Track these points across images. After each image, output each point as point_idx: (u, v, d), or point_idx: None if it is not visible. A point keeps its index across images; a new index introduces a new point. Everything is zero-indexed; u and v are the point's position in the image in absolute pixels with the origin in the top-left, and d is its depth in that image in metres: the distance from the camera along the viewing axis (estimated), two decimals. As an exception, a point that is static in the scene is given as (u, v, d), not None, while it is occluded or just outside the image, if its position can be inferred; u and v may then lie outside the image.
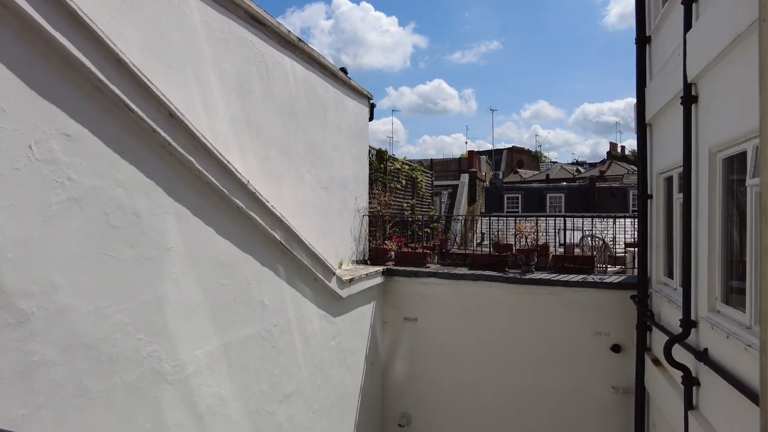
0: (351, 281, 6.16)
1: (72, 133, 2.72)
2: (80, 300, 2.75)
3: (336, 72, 6.78)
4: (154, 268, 3.27)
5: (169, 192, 3.39)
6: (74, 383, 2.72)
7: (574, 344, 6.78)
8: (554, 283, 6.81)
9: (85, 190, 2.80)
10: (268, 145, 5.06)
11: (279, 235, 4.63)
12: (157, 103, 3.20)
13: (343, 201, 7.05)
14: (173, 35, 3.83)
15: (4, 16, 2.39)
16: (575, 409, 6.79)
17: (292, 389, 4.96)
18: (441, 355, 7.35)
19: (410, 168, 11.10)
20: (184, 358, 3.53)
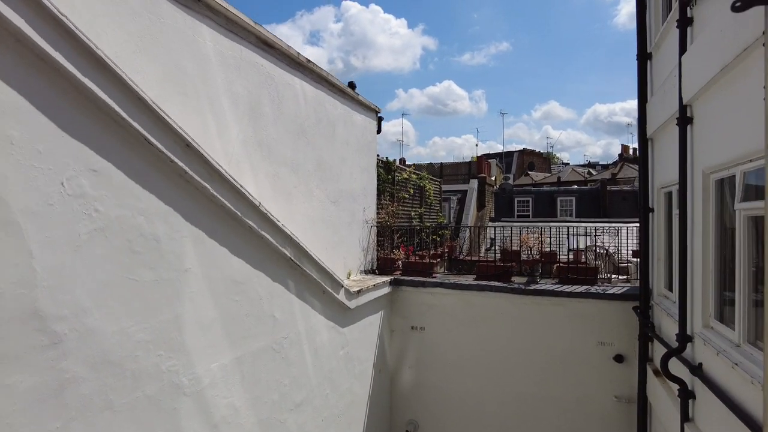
0: (359, 292, 6.37)
1: (98, 168, 2.96)
2: (106, 321, 2.99)
3: (344, 89, 7.00)
4: (173, 289, 3.51)
5: (186, 217, 3.63)
6: (101, 398, 2.96)
7: (577, 354, 6.92)
8: (558, 294, 6.95)
9: (110, 220, 3.04)
10: (279, 163, 5.30)
11: (289, 251, 4.86)
12: (175, 135, 3.44)
13: (352, 213, 7.26)
14: (188, 65, 4.07)
15: (41, 67, 2.64)
16: (579, 418, 6.92)
17: (301, 398, 5.18)
18: (447, 364, 7.52)
19: (418, 177, 11.29)
20: (200, 372, 3.76)
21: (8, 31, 2.47)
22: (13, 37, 2.50)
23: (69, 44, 2.71)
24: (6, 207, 2.45)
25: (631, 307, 6.55)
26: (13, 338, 2.47)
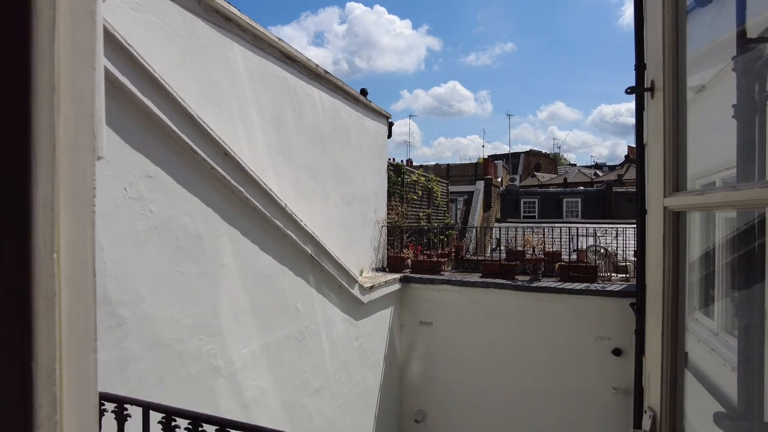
0: (371, 288, 6.79)
1: (153, 175, 3.41)
2: (159, 308, 3.44)
3: (357, 96, 7.43)
4: (212, 281, 3.95)
5: (224, 217, 4.08)
6: (155, 374, 3.40)
7: (578, 348, 7.30)
8: (560, 291, 7.34)
9: (162, 220, 3.49)
10: (300, 168, 5.73)
11: (310, 249, 5.30)
12: (216, 146, 3.89)
13: (364, 214, 7.69)
14: (221, 80, 4.52)
15: (108, 88, 3.08)
16: (579, 409, 7.30)
17: (320, 385, 5.62)
18: (454, 357, 7.93)
19: (426, 179, 11.70)
20: (233, 356, 4.20)
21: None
22: (88, 64, 2.95)
23: (131, 68, 3.16)
24: (83, 208, 2.90)
25: (628, 304, 6.93)
26: (88, 319, 2.92)
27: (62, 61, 0.50)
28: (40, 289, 0.49)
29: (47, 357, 0.49)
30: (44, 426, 0.49)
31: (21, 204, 0.49)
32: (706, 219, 4.45)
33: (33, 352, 0.48)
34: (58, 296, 0.51)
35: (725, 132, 3.40)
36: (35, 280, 0.49)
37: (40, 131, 0.48)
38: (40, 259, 0.49)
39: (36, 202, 0.49)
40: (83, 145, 0.53)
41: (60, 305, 0.51)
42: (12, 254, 0.49)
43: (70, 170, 0.52)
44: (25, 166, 0.48)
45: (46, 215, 0.49)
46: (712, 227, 4.38)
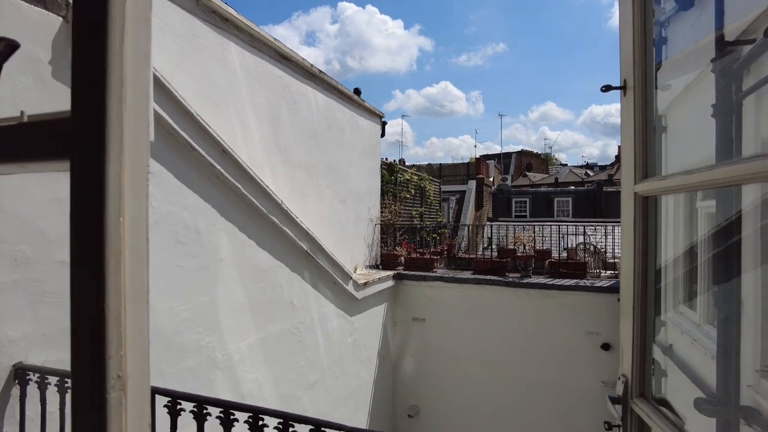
0: (365, 284, 6.91)
1: (154, 171, 3.50)
2: (159, 301, 3.53)
3: (351, 96, 7.54)
4: (210, 275, 4.05)
5: (222, 213, 4.17)
6: (155, 366, 3.49)
7: (567, 343, 7.46)
8: (550, 287, 7.50)
9: (162, 215, 3.57)
10: (295, 166, 5.83)
11: (305, 245, 5.40)
12: (213, 142, 3.98)
13: (358, 212, 7.80)
14: (219, 79, 4.60)
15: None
16: (569, 402, 7.46)
17: (315, 379, 5.72)
18: (446, 353, 8.06)
19: (419, 178, 11.83)
20: (231, 349, 4.30)
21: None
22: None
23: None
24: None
25: (616, 299, 7.10)
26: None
27: (127, 61, 0.61)
28: (111, 248, 0.60)
29: (115, 303, 0.60)
30: (113, 358, 0.60)
31: (97, 176, 0.60)
32: (689, 215, 4.62)
33: (105, 298, 0.59)
34: (123, 255, 0.62)
35: (708, 131, 3.56)
36: (107, 241, 0.60)
37: (112, 118, 0.59)
38: (111, 222, 0.60)
39: (109, 175, 0.60)
40: (141, 130, 0.64)
41: (124, 263, 0.62)
42: (91, 217, 0.60)
43: (132, 151, 0.63)
44: (101, 146, 0.59)
45: (115, 186, 0.61)
46: (694, 224, 4.56)
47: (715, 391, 3.15)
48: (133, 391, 0.63)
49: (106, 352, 0.59)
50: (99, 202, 0.60)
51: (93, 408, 0.59)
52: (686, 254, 4.56)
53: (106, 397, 0.59)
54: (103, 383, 0.59)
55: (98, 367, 0.59)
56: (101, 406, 0.59)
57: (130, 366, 0.62)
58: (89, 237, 0.59)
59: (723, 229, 3.21)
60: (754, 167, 0.74)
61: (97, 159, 0.60)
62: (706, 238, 4.00)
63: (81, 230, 0.60)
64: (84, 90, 0.59)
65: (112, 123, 0.59)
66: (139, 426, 0.64)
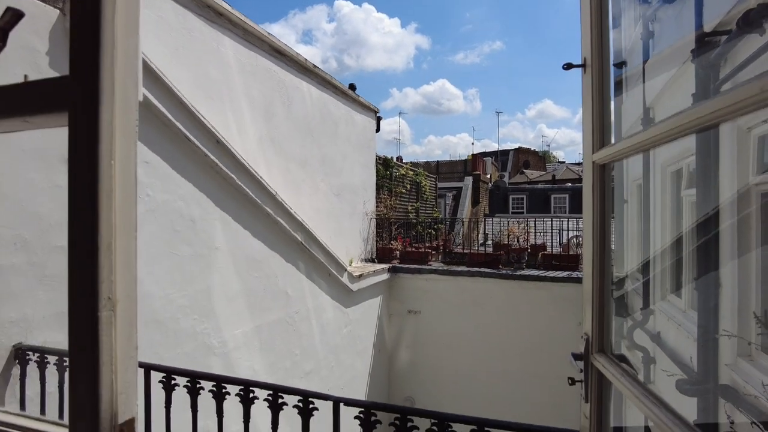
0: (360, 277, 7.00)
1: (149, 160, 3.59)
2: (155, 287, 3.62)
3: (346, 91, 7.63)
4: (205, 263, 4.14)
5: (216, 202, 4.26)
6: (152, 351, 3.58)
7: (560, 333, 7.56)
8: (542, 279, 7.60)
9: (158, 204, 3.67)
10: (289, 159, 5.92)
11: (300, 236, 5.49)
12: (208, 133, 4.07)
13: (353, 206, 7.89)
14: (213, 72, 4.69)
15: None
16: (561, 392, 7.53)
17: (310, 368, 5.82)
18: (441, 344, 8.17)
19: (414, 173, 11.93)
20: (226, 336, 4.39)
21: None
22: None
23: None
24: (84, 190, 3.08)
25: (608, 290, 7.21)
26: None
27: (118, 27, 0.71)
28: (104, 186, 0.69)
29: (107, 234, 0.70)
30: (105, 282, 0.69)
31: (92, 125, 0.69)
32: (676, 207, 4.72)
33: (98, 230, 0.69)
34: (114, 192, 0.71)
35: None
36: (101, 180, 0.69)
37: (105, 76, 0.69)
38: (104, 165, 0.70)
39: (102, 124, 0.69)
40: (130, 87, 0.74)
41: (115, 200, 0.71)
42: (87, 160, 0.69)
43: (122, 104, 0.72)
44: (96, 99, 0.69)
45: (108, 134, 0.70)
46: (680, 216, 4.66)
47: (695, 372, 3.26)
48: (121, 313, 0.72)
49: (98, 275, 0.68)
50: (93, 147, 0.69)
51: (87, 324, 0.69)
52: (675, 240, 4.67)
53: (98, 315, 0.68)
54: (95, 303, 0.68)
55: (92, 289, 0.68)
56: (94, 323, 0.68)
57: (120, 291, 0.72)
58: (85, 177, 0.69)
59: (705, 221, 3.32)
60: (695, 112, 0.83)
61: (92, 110, 0.69)
62: (691, 227, 4.10)
63: (78, 172, 0.70)
64: (81, 52, 0.69)
65: (105, 80, 0.69)
66: (126, 346, 0.74)
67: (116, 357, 0.71)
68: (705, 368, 3.18)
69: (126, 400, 0.73)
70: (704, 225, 3.48)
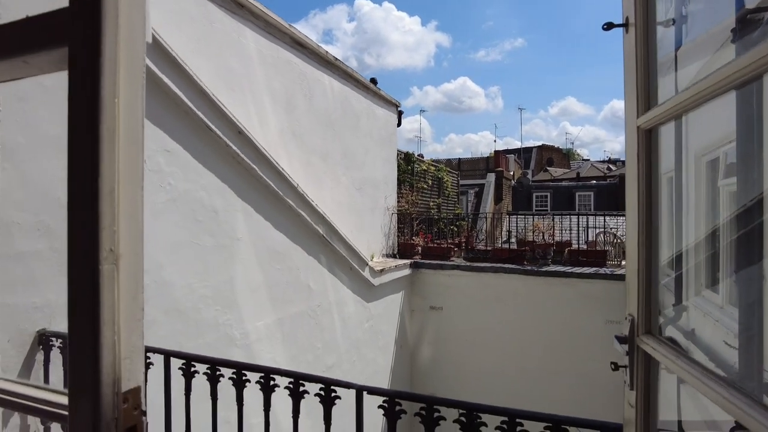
0: (382, 271, 6.93)
1: (171, 149, 3.57)
2: (177, 276, 3.61)
3: (367, 84, 7.56)
4: (228, 254, 4.12)
5: (238, 193, 4.24)
6: (174, 340, 3.57)
7: (586, 331, 7.36)
8: (568, 275, 7.41)
9: (180, 193, 3.65)
10: (310, 152, 5.88)
11: (321, 229, 5.44)
12: (230, 123, 4.04)
13: (374, 200, 7.82)
14: (235, 64, 4.67)
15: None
16: (587, 391, 7.36)
17: (332, 362, 5.77)
18: (464, 341, 8.04)
19: (436, 169, 11.80)
20: (248, 328, 4.37)
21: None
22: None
23: (150, 46, 3.32)
24: (106, 178, 3.07)
25: (637, 287, 6.98)
26: (112, 282, 3.10)
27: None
28: (106, 125, 0.63)
29: (109, 179, 0.63)
30: (106, 230, 0.63)
31: (93, 59, 0.62)
32: (711, 198, 4.51)
33: (99, 173, 0.62)
34: (117, 133, 0.64)
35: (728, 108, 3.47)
36: (102, 118, 0.62)
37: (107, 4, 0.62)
38: (107, 105, 0.63)
39: (104, 58, 0.62)
40: (136, 23, 0.67)
41: (119, 142, 0.64)
42: (87, 96, 0.62)
43: (127, 39, 0.65)
44: (97, 31, 0.62)
45: (110, 69, 0.63)
46: (716, 207, 4.45)
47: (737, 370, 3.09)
48: (126, 269, 0.65)
49: (99, 223, 0.62)
50: (94, 84, 0.62)
51: (86, 279, 0.62)
52: (710, 234, 4.47)
53: (98, 268, 0.61)
54: (95, 254, 0.61)
55: (92, 239, 0.62)
56: (94, 277, 0.61)
57: (124, 244, 0.65)
58: (84, 113, 0.62)
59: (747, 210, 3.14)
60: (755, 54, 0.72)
61: (93, 45, 0.62)
62: (730, 218, 3.90)
63: (78, 110, 0.63)
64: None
65: (107, 13, 0.62)
66: (131, 306, 0.67)
67: (119, 317, 0.64)
68: (747, 368, 3.00)
69: (131, 366, 0.66)
70: (746, 215, 3.29)
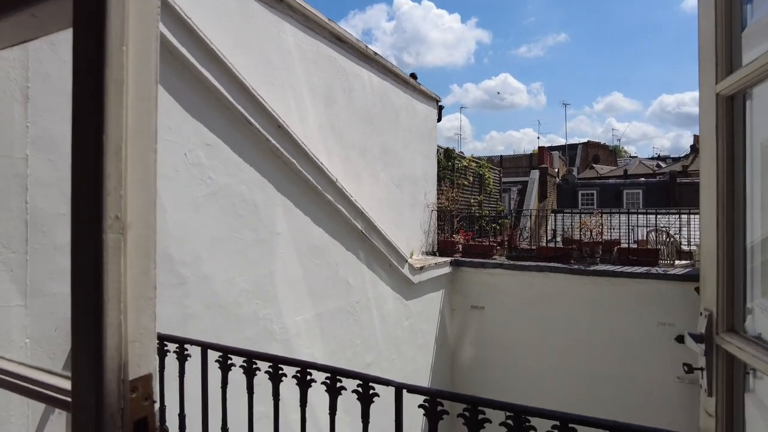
0: (421, 269, 6.81)
1: (211, 143, 3.58)
2: (217, 270, 3.62)
3: (407, 79, 7.45)
4: (268, 248, 4.11)
5: (278, 188, 4.22)
6: (214, 334, 3.58)
7: (637, 334, 6.99)
8: (618, 275, 7.06)
9: (220, 187, 3.66)
10: (349, 147, 5.83)
11: (360, 224, 5.38)
12: (269, 117, 4.03)
13: (414, 197, 7.70)
14: (274, 58, 4.66)
15: (167, 58, 3.27)
16: (639, 397, 6.99)
17: (371, 359, 5.70)
18: (507, 342, 7.79)
19: (477, 165, 11.55)
20: (288, 323, 4.35)
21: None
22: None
23: (190, 40, 3.34)
24: (148, 171, 3.10)
25: (692, 288, 6.56)
26: (154, 275, 3.12)
27: None
28: (112, 76, 0.55)
29: (114, 136, 0.55)
30: (111, 195, 0.55)
31: (99, 11, 0.55)
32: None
33: (104, 129, 0.54)
34: (125, 86, 0.56)
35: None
36: (107, 67, 0.55)
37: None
38: (113, 52, 0.55)
39: (109, 16, 0.54)
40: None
41: (127, 94, 0.56)
42: (92, 39, 0.55)
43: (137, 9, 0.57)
44: None
45: (118, 13, 0.55)
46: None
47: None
48: (135, 241, 0.58)
49: (103, 185, 0.54)
50: (99, 26, 0.54)
51: (88, 249, 0.54)
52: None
53: (102, 237, 0.54)
54: (99, 222, 0.54)
55: (95, 204, 0.54)
56: (97, 248, 0.54)
57: (132, 211, 0.57)
58: (87, 59, 0.55)
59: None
60: None
61: (99, 14, 0.55)
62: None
63: (80, 53, 0.56)
64: None
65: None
66: (142, 282, 0.59)
67: (126, 294, 0.56)
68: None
69: (141, 350, 0.58)
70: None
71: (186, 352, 2.42)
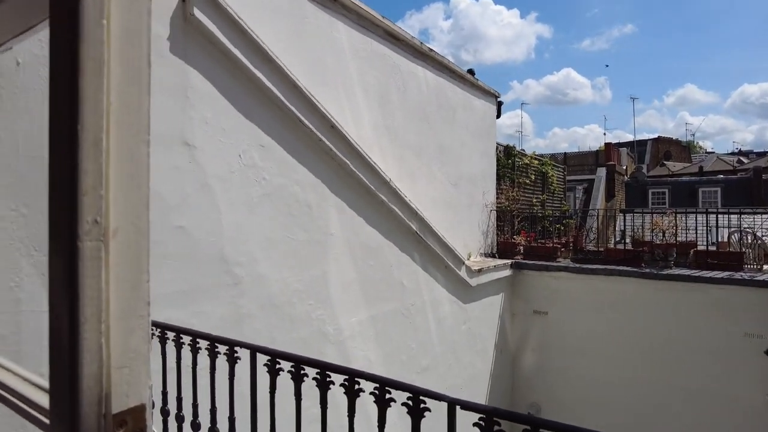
0: (479, 271, 6.58)
1: (265, 144, 3.59)
2: (271, 270, 3.62)
3: (464, 75, 7.24)
4: (321, 249, 4.08)
5: (331, 188, 4.19)
6: (268, 333, 3.59)
7: (718, 345, 6.40)
8: (695, 279, 6.49)
9: (274, 188, 3.66)
10: (404, 147, 5.71)
11: (415, 225, 5.26)
12: (322, 118, 4.00)
13: (471, 196, 7.47)
14: (327, 58, 4.63)
15: (221, 59, 3.30)
16: (720, 414, 6.40)
17: (427, 364, 5.56)
18: (572, 349, 7.39)
19: (540, 163, 11.10)
20: (342, 324, 4.30)
21: (198, 30, 3.15)
22: (204, 38, 3.18)
23: (243, 41, 3.35)
24: (203, 172, 3.14)
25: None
26: (209, 275, 3.16)
27: None
28: (86, 52, 0.46)
29: (92, 125, 0.46)
30: (88, 196, 0.46)
31: None
32: None
33: (79, 116, 0.46)
34: (106, 67, 0.47)
35: None
36: (82, 45, 0.46)
37: None
38: (89, 25, 0.46)
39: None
40: None
41: (108, 76, 0.47)
42: (66, 18, 0.46)
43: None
44: None
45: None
46: None
47: None
48: (121, 249, 0.48)
49: (78, 183, 0.45)
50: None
51: (62, 260, 0.46)
52: None
53: (77, 246, 0.45)
54: (73, 226, 0.45)
55: (69, 205, 0.45)
56: (72, 258, 0.45)
57: (118, 214, 0.48)
58: (63, 42, 0.46)
59: None
60: None
61: None
62: None
63: (56, 35, 0.47)
64: None
65: None
66: (131, 299, 0.50)
67: (109, 312, 0.47)
68: None
69: (130, 377, 0.49)
70: None
71: (236, 354, 2.40)
